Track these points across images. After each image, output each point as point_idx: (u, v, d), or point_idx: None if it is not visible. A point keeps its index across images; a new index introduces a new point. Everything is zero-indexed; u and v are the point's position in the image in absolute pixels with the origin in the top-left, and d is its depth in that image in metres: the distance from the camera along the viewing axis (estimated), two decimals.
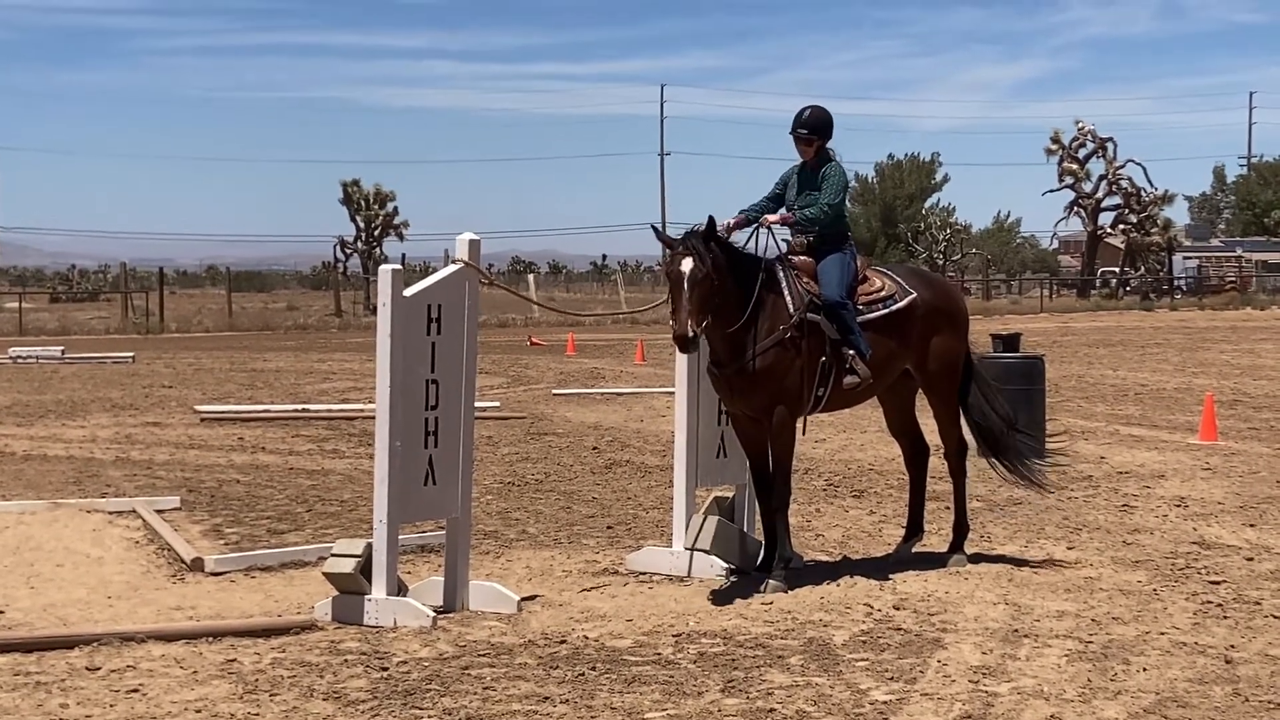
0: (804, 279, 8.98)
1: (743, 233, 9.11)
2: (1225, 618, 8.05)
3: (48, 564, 9.55)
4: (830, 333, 8.90)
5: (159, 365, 29.15)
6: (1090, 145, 71.14)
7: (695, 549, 9.17)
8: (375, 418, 8.13)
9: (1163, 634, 7.66)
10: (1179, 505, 11.78)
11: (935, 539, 10.05)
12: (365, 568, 7.99)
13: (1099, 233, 72.99)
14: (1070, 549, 10.02)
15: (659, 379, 23.34)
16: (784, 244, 9.19)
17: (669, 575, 9.19)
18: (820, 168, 9.21)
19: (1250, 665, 7.10)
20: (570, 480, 13.43)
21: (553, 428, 17.58)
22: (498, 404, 19.83)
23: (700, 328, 8.46)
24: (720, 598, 8.52)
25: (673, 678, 6.86)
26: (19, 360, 29.72)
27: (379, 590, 7.97)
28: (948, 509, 10.24)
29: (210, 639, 7.53)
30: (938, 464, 10.14)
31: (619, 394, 22.07)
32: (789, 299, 8.86)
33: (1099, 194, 71.37)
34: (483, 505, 11.61)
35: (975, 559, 9.55)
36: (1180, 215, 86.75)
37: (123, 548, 10.07)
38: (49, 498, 11.92)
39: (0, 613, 8.29)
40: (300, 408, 19.36)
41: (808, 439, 11.86)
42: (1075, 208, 71.91)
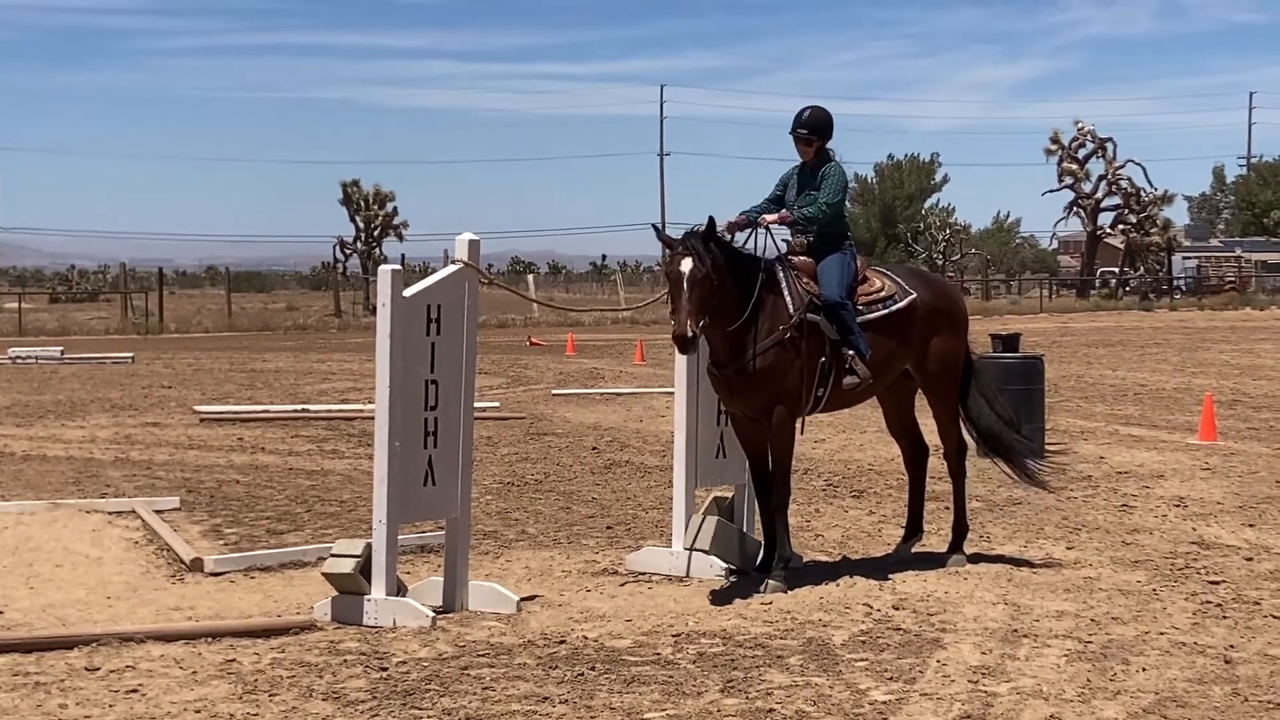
0: (804, 279, 8.97)
1: (741, 233, 9.10)
2: (1224, 618, 8.04)
3: (47, 564, 9.54)
4: (830, 333, 8.89)
5: (158, 366, 29.13)
6: (1090, 145, 71.14)
7: (695, 549, 9.16)
8: (375, 418, 8.12)
9: (1162, 634, 7.65)
10: (1178, 505, 11.78)
11: (935, 539, 10.03)
12: (365, 568, 7.98)
13: (1098, 233, 72.99)
14: (1069, 549, 10.01)
15: (658, 379, 23.32)
16: (784, 244, 9.18)
17: (668, 575, 9.18)
18: (820, 168, 9.20)
19: (1249, 665, 7.09)
20: (570, 480, 13.42)
21: (552, 428, 17.57)
22: (497, 404, 19.83)
23: (699, 328, 8.45)
24: (720, 598, 8.51)
25: (672, 678, 6.85)
26: (18, 361, 29.71)
27: (378, 590, 7.96)
28: (947, 509, 10.23)
29: (209, 639, 7.52)
30: (937, 464, 10.13)
31: (618, 394, 22.05)
32: (789, 299, 8.85)
33: (1098, 194, 71.37)
34: (482, 505, 11.59)
35: (974, 559, 9.54)
36: (1180, 215, 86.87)
37: (122, 548, 10.06)
38: (48, 498, 11.91)
39: (0, 613, 8.28)
40: (300, 408, 19.35)
41: (807, 439, 11.84)
42: (1075, 208, 71.90)
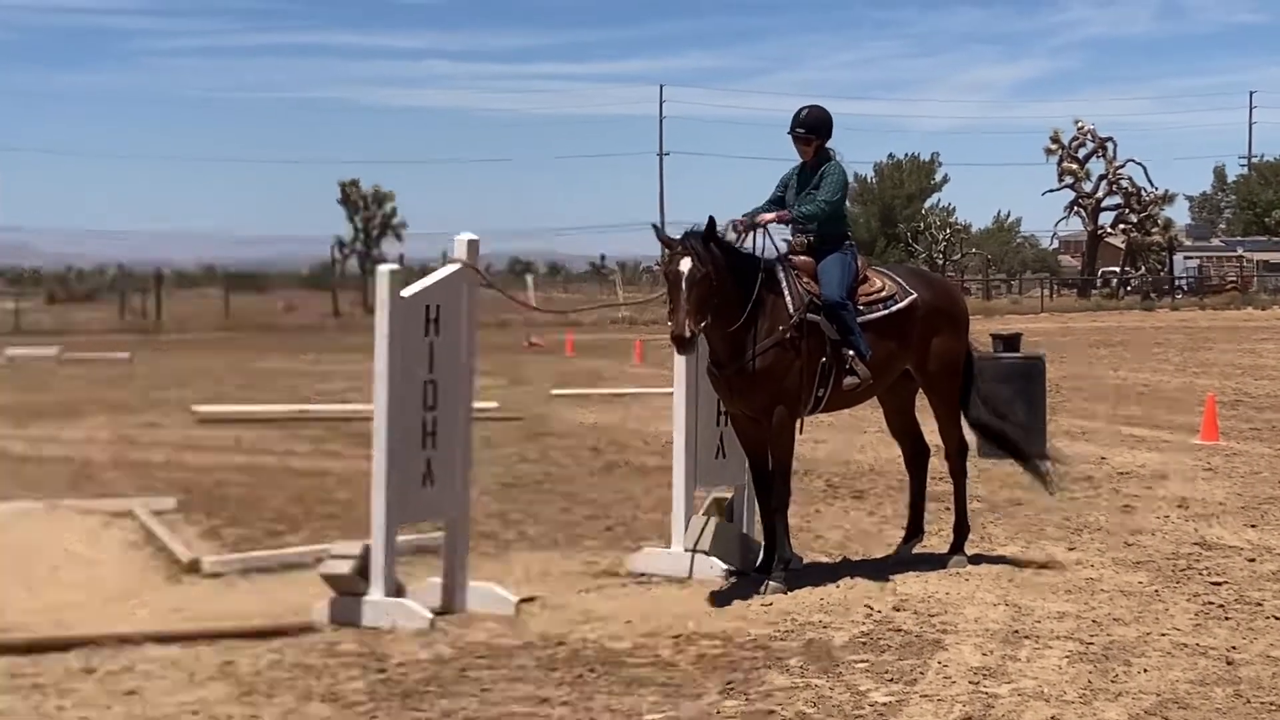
0: (804, 279, 8.94)
1: (744, 235, 9.05)
2: (1227, 619, 8.02)
3: (44, 565, 9.51)
4: (830, 333, 8.87)
5: (156, 365, 29.12)
6: (1090, 145, 71.22)
7: (694, 550, 9.14)
8: (373, 418, 8.10)
9: (1164, 635, 7.64)
10: (1180, 506, 11.75)
11: (935, 540, 10.01)
12: (363, 569, 7.96)
13: (1099, 232, 73.06)
14: (1071, 550, 10.00)
15: (658, 379, 23.24)
16: (784, 244, 9.15)
17: (668, 577, 9.15)
18: (819, 167, 9.17)
19: (1252, 666, 7.07)
20: (569, 481, 13.41)
21: (551, 428, 17.56)
22: (496, 405, 19.76)
23: (698, 328, 8.43)
24: (720, 599, 8.48)
25: (672, 679, 6.83)
26: (16, 361, 29.69)
27: (377, 592, 7.94)
28: (948, 510, 10.20)
29: (208, 641, 7.50)
30: (938, 465, 10.11)
31: (618, 395, 22.05)
32: (789, 299, 8.82)
33: (1099, 194, 71.44)
34: (481, 506, 11.51)
35: (976, 560, 9.52)
36: (1181, 215, 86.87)
37: (120, 549, 10.04)
38: (46, 499, 11.86)
39: None
40: (298, 408, 19.32)
41: (807, 440, 11.82)
42: (1075, 207, 71.99)
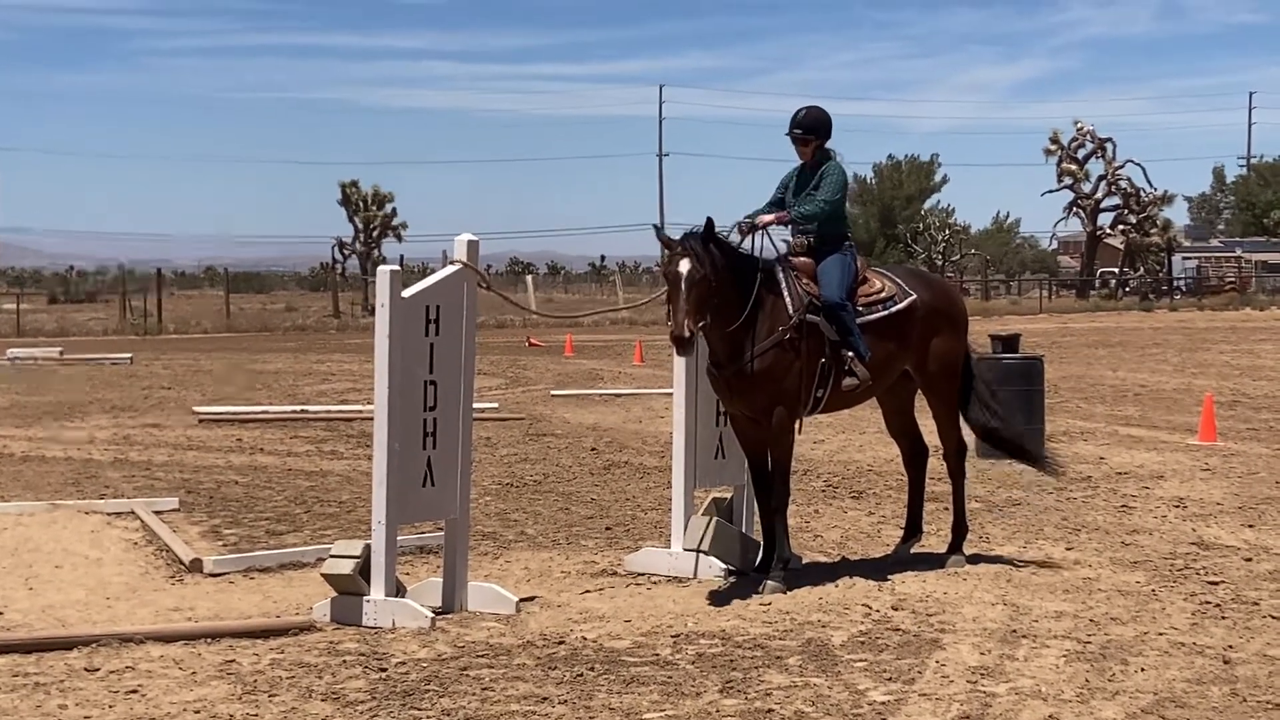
0: (803, 280, 8.95)
1: (746, 237, 9.06)
2: (1223, 618, 8.03)
3: (46, 565, 9.53)
4: (829, 334, 8.87)
5: (157, 366, 29.14)
6: (1089, 146, 71.07)
7: (694, 550, 9.14)
8: (374, 419, 8.11)
9: (1161, 634, 7.64)
10: (1178, 506, 11.75)
11: (934, 540, 10.01)
12: (364, 569, 7.96)
13: (1098, 233, 72.91)
14: (1069, 550, 9.99)
15: (657, 380, 23.29)
16: (784, 245, 9.16)
17: (667, 576, 9.16)
18: (819, 168, 9.17)
19: (1248, 665, 7.07)
20: (569, 481, 13.40)
21: (551, 429, 17.55)
22: (496, 405, 19.80)
23: (697, 328, 8.44)
24: (719, 598, 8.49)
25: (671, 678, 6.84)
26: (17, 361, 29.71)
27: (377, 591, 7.94)
28: (946, 510, 10.21)
29: (209, 640, 7.51)
30: (937, 465, 10.10)
31: (617, 395, 22.03)
32: (788, 300, 8.82)
33: (1098, 194, 71.30)
34: (481, 506, 11.58)
35: (974, 560, 9.52)
36: (1179, 216, 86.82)
37: (121, 549, 10.04)
38: (47, 499, 11.89)
39: (0, 613, 8.27)
40: (299, 409, 19.33)
41: (806, 440, 11.84)
42: (1074, 208, 71.84)
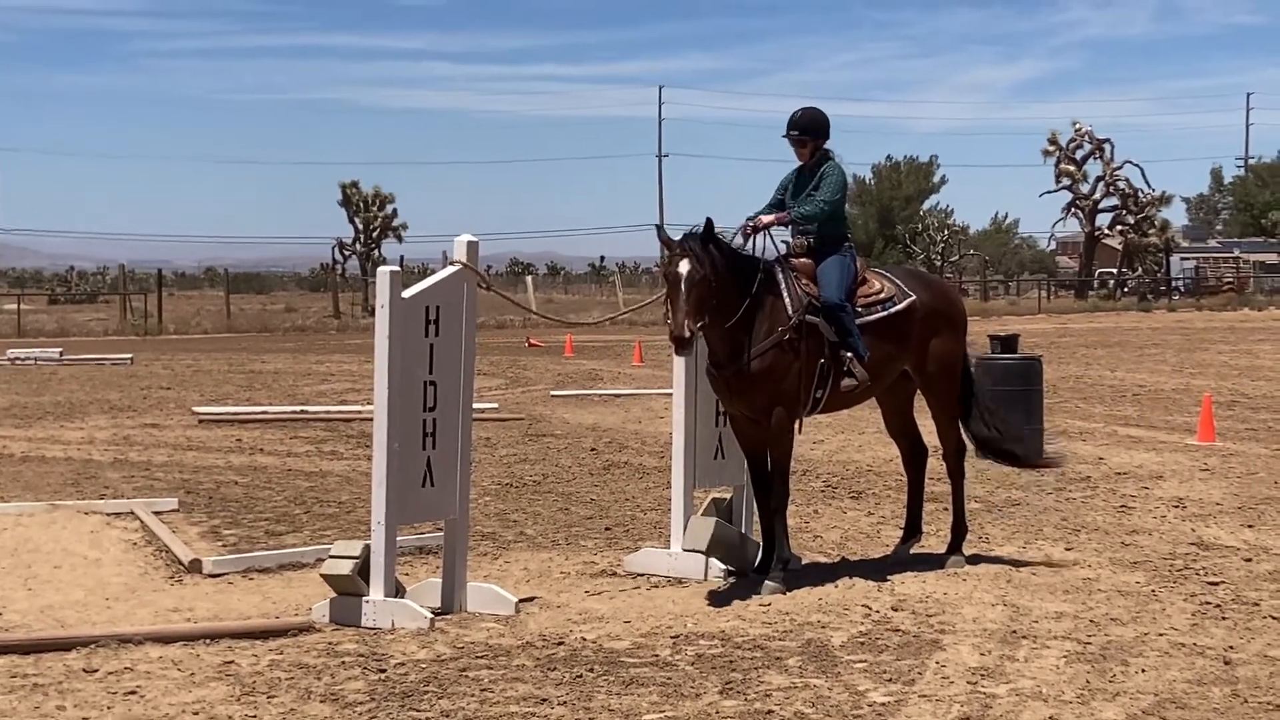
0: (803, 281, 8.94)
1: (748, 239, 9.05)
2: (1224, 619, 8.02)
3: (45, 566, 9.52)
4: (829, 335, 8.87)
5: (157, 367, 29.11)
6: (1088, 146, 71.01)
7: (693, 550, 9.12)
8: (373, 419, 8.10)
9: (1161, 635, 7.63)
10: (1177, 506, 11.74)
11: (933, 540, 10.00)
12: (363, 569, 7.95)
13: (1096, 234, 72.84)
14: (1068, 550, 9.99)
15: (657, 380, 23.29)
16: (784, 245, 9.15)
17: (667, 577, 9.15)
18: (818, 169, 9.16)
19: (1249, 666, 7.06)
20: (568, 482, 13.39)
21: (551, 429, 17.53)
22: (496, 405, 19.79)
23: (697, 329, 8.43)
24: (718, 599, 8.48)
25: (670, 679, 6.82)
26: (17, 362, 29.68)
27: (377, 592, 7.93)
28: (946, 510, 10.20)
29: (208, 641, 7.49)
30: (936, 465, 10.08)
31: (617, 395, 22.01)
32: (787, 300, 8.81)
33: (1096, 195, 71.23)
34: (481, 507, 11.57)
35: (973, 560, 9.52)
36: (1178, 216, 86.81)
37: (120, 549, 10.03)
38: (47, 499, 11.88)
39: None
40: (298, 409, 19.31)
41: (805, 440, 11.83)
42: (1073, 209, 71.77)
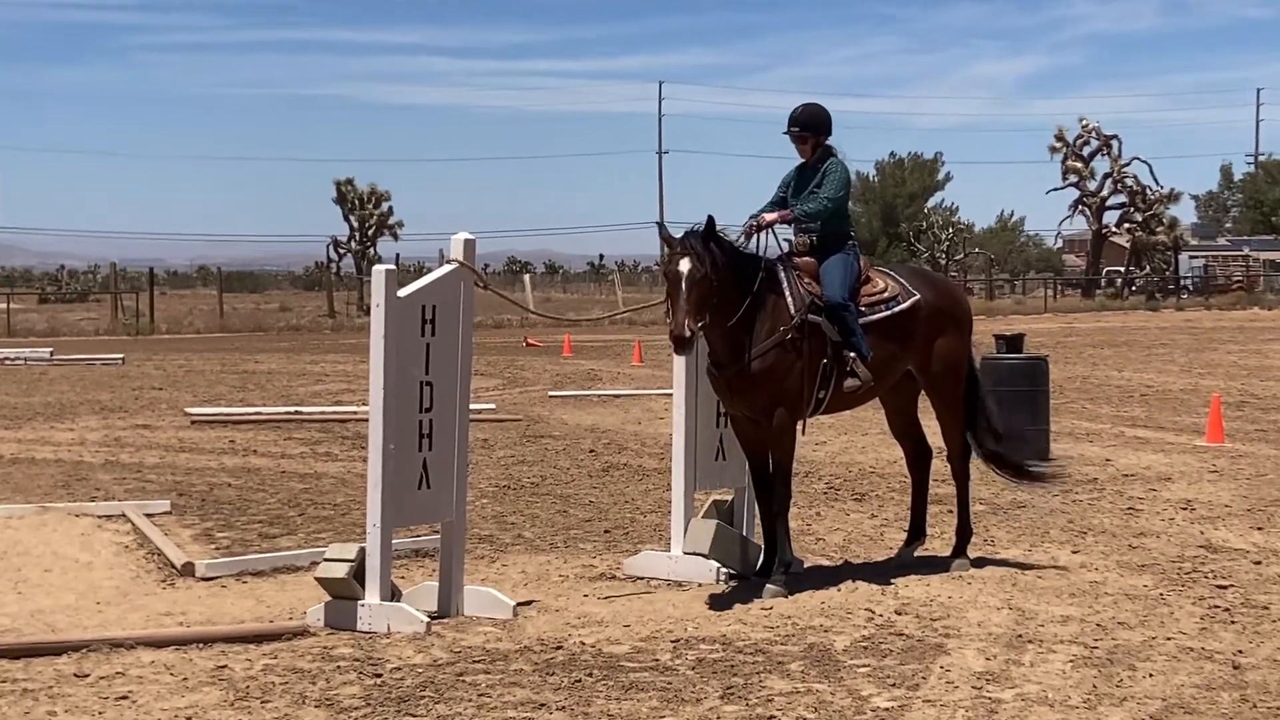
0: (805, 279, 8.88)
1: (752, 237, 8.99)
2: (1233, 622, 7.97)
3: (35, 569, 9.48)
4: (832, 334, 8.80)
5: (149, 367, 29.10)
6: (1095, 143, 70.96)
7: (694, 553, 9.06)
8: (369, 420, 8.05)
9: (1169, 639, 7.58)
10: (1185, 508, 11.68)
11: (938, 543, 9.96)
12: (358, 572, 7.91)
13: (1104, 232, 72.74)
14: (1075, 553, 9.93)
15: (657, 380, 23.26)
16: (786, 244, 9.08)
17: (667, 580, 9.10)
18: (820, 166, 9.11)
19: (1258, 671, 7.01)
20: (567, 483, 13.34)
21: (549, 430, 17.49)
22: (493, 406, 19.76)
23: (697, 328, 8.38)
24: (719, 603, 8.43)
25: (671, 684, 6.78)
26: (7, 362, 29.65)
27: (372, 595, 7.89)
28: (950, 512, 10.16)
29: (201, 645, 7.46)
30: (940, 466, 10.08)
31: (616, 396, 21.99)
32: (790, 300, 8.76)
33: (1104, 192, 71.19)
34: (478, 509, 11.55)
35: (978, 563, 9.46)
36: (1186, 214, 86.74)
37: (112, 552, 9.99)
38: (37, 501, 11.82)
39: None
40: (293, 410, 19.25)
41: (808, 441, 11.76)
42: (1080, 206, 71.72)
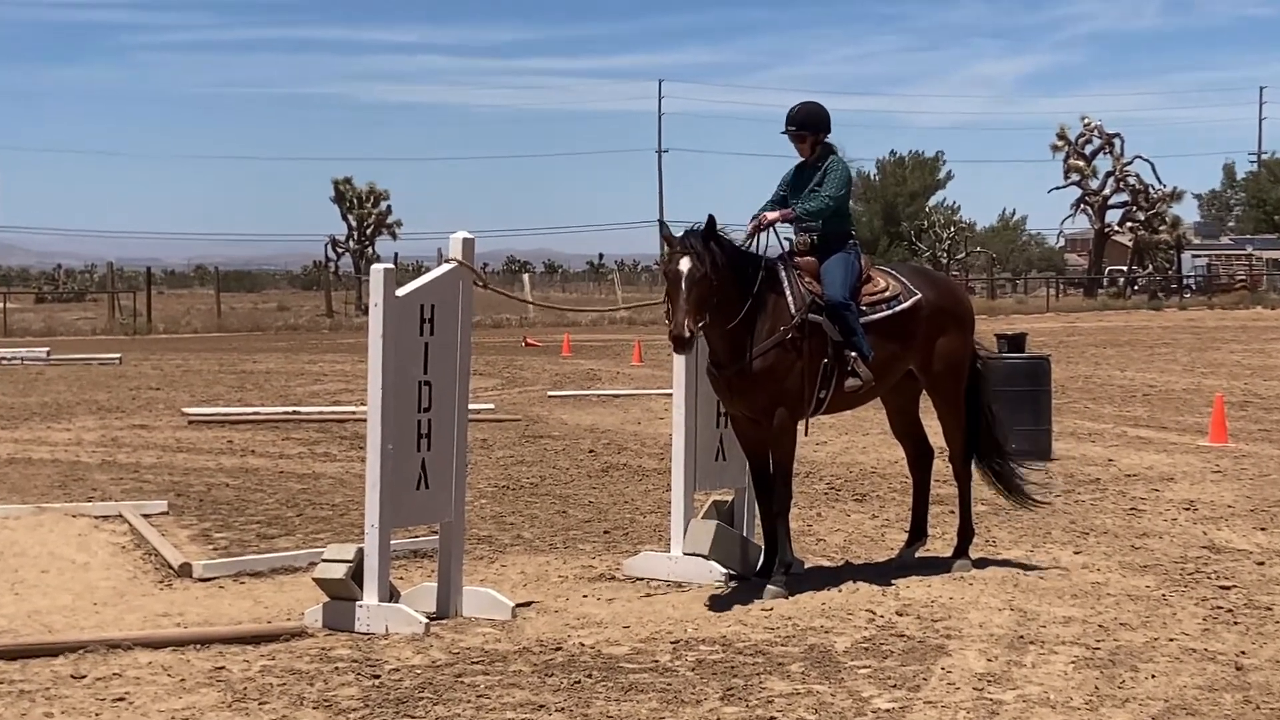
0: (806, 279, 8.86)
1: (742, 232, 8.98)
2: (1236, 623, 7.95)
3: (32, 570, 9.46)
4: (832, 334, 8.78)
5: (146, 367, 29.07)
6: (1097, 141, 70.95)
7: (694, 554, 9.04)
8: (367, 420, 8.04)
9: (1172, 640, 7.56)
10: (1188, 509, 11.66)
11: (939, 543, 9.94)
12: (357, 573, 7.90)
13: (1106, 230, 72.72)
14: (1077, 553, 9.91)
15: (657, 380, 23.24)
16: (787, 243, 9.06)
17: (667, 581, 9.07)
18: (820, 164, 9.09)
19: (1261, 672, 6.99)
20: (566, 484, 13.32)
21: (548, 430, 17.47)
22: (492, 406, 19.73)
23: (697, 328, 8.35)
24: (719, 604, 8.41)
25: (670, 685, 6.76)
26: (3, 361, 29.63)
27: (371, 596, 7.88)
28: (952, 513, 10.13)
29: (198, 646, 7.44)
30: (942, 467, 10.06)
31: (616, 396, 21.97)
32: (790, 299, 8.74)
33: (1106, 191, 71.19)
34: (477, 509, 11.54)
35: (980, 564, 9.43)
36: (1189, 212, 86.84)
37: (109, 553, 9.97)
38: (34, 502, 11.80)
39: None
40: (291, 410, 19.19)
41: (809, 441, 11.74)
42: (1082, 205, 71.72)
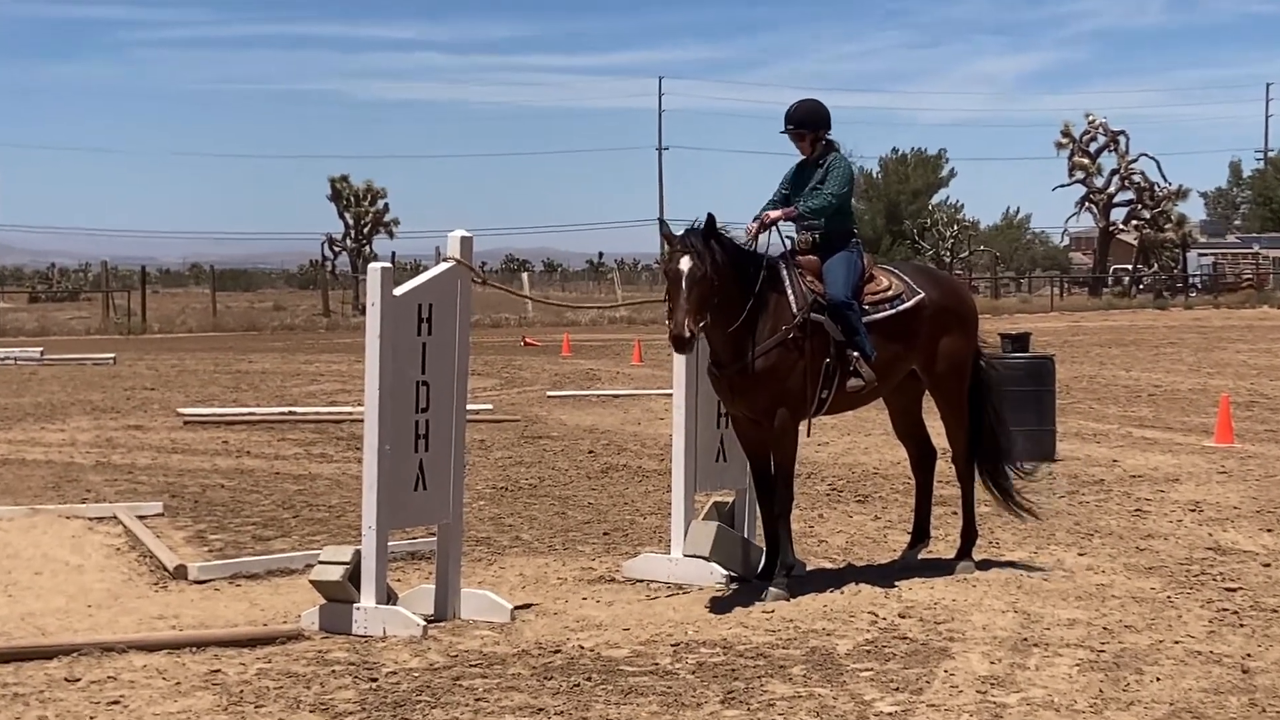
0: (808, 277, 8.82)
1: (743, 231, 8.94)
2: (1241, 626, 7.92)
3: (26, 572, 9.44)
4: (835, 334, 8.74)
5: (141, 367, 29.09)
6: (1101, 139, 70.91)
7: (694, 556, 9.00)
8: (364, 421, 8.02)
9: (1177, 643, 7.53)
10: (1194, 510, 11.63)
11: (942, 545, 9.91)
12: (354, 575, 7.88)
13: (1111, 229, 72.68)
14: (1081, 555, 9.88)
15: (657, 380, 23.23)
16: (789, 241, 9.03)
17: (667, 583, 9.04)
18: (821, 162, 9.06)
19: (1267, 675, 6.96)
20: (565, 485, 13.31)
21: (547, 431, 17.46)
22: (490, 406, 19.72)
23: (698, 327, 8.32)
24: (720, 606, 8.38)
25: (671, 688, 6.73)
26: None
27: (368, 599, 7.86)
28: (955, 514, 10.10)
29: (194, 649, 7.43)
30: (945, 468, 10.03)
31: (615, 396, 21.96)
32: (792, 298, 8.70)
33: (1111, 189, 71.16)
34: (475, 511, 11.52)
35: (983, 565, 9.40)
36: (1195, 211, 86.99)
37: (103, 555, 9.95)
38: (27, 503, 11.77)
39: None
40: (287, 410, 19.18)
41: (811, 442, 11.71)
42: (1086, 203, 71.70)
